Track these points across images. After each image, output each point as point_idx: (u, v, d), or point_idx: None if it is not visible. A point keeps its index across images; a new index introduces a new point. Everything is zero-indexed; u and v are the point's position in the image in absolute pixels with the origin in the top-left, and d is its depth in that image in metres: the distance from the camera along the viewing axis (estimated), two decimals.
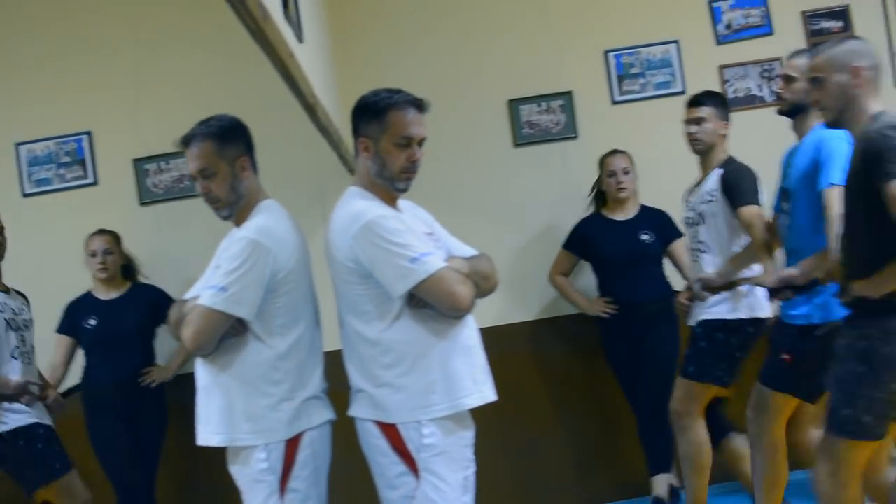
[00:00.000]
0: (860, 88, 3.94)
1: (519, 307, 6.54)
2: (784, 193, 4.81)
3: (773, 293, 4.66)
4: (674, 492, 6.11)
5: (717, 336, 5.28)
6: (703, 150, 5.45)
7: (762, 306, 5.28)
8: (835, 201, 4.28)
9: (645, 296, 6.17)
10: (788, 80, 4.79)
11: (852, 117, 3.99)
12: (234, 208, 3.87)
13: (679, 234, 6.18)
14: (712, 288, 5.25)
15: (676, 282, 6.23)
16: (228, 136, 3.85)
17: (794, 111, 4.78)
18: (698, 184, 5.50)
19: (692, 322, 5.45)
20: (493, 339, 6.09)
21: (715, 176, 5.36)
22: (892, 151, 3.69)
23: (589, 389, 6.54)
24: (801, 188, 4.65)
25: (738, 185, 5.23)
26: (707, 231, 5.39)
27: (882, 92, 4.01)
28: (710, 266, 5.34)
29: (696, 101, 5.50)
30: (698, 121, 5.43)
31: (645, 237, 6.21)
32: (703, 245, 5.40)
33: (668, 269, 6.30)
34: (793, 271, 4.55)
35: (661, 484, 6.10)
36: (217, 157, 3.83)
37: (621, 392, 6.31)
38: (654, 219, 6.28)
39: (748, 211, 5.13)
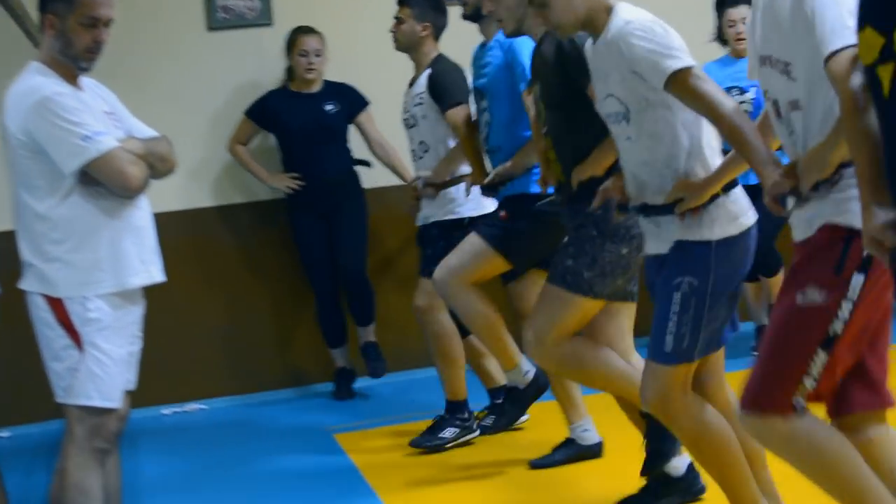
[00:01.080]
0: None
1: (207, 192, 6.57)
2: (479, 93, 4.91)
3: (489, 190, 4.84)
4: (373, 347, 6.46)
5: (454, 235, 5.29)
6: (401, 49, 5.54)
7: (484, 204, 5.28)
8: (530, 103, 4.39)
9: (332, 170, 6.31)
10: None
11: (532, 26, 4.12)
12: None
13: (365, 104, 6.32)
14: (434, 185, 5.34)
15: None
16: None
17: (479, 16, 4.85)
18: (411, 84, 5.57)
19: (421, 221, 5.48)
20: (182, 223, 6.22)
21: (423, 78, 5.44)
22: (584, 55, 3.80)
23: (280, 270, 6.64)
24: (496, 87, 4.76)
25: (442, 88, 5.29)
26: (422, 132, 5.49)
27: None
28: (431, 166, 5.44)
29: (400, 1, 5.55)
30: (398, 20, 5.50)
31: (329, 107, 6.31)
32: (423, 146, 5.50)
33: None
34: (508, 166, 4.68)
35: (369, 333, 6.45)
36: None
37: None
38: (339, 92, 6.36)
39: (453, 113, 5.20)
